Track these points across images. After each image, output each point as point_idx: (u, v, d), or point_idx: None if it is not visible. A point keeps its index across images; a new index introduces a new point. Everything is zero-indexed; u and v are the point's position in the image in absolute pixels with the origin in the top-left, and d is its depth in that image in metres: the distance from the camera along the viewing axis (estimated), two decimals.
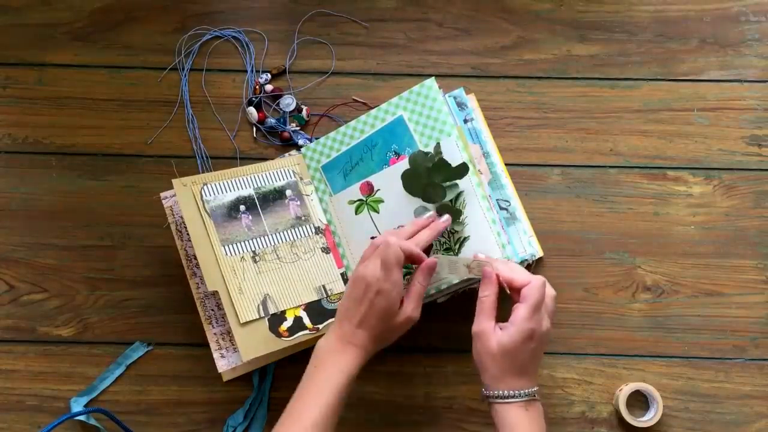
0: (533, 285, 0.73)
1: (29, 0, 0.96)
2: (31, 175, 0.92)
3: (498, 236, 0.80)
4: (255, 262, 0.83)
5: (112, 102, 0.94)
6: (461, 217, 0.81)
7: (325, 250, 0.86)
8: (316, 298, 0.84)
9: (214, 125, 0.94)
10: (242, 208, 0.84)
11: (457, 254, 0.81)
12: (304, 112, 0.93)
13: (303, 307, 0.83)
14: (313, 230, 0.87)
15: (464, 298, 0.83)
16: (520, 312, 0.72)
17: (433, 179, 0.81)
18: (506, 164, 0.92)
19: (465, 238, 0.81)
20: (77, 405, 0.86)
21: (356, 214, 0.86)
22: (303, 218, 0.87)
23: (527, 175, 0.92)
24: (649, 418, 0.85)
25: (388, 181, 0.84)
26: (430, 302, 0.83)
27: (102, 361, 0.88)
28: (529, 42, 0.96)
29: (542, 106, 0.94)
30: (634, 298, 0.90)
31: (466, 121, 0.87)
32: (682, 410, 0.87)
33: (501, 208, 0.85)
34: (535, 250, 0.88)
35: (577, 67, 0.95)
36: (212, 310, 0.83)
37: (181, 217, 0.84)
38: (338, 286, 0.85)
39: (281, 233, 0.85)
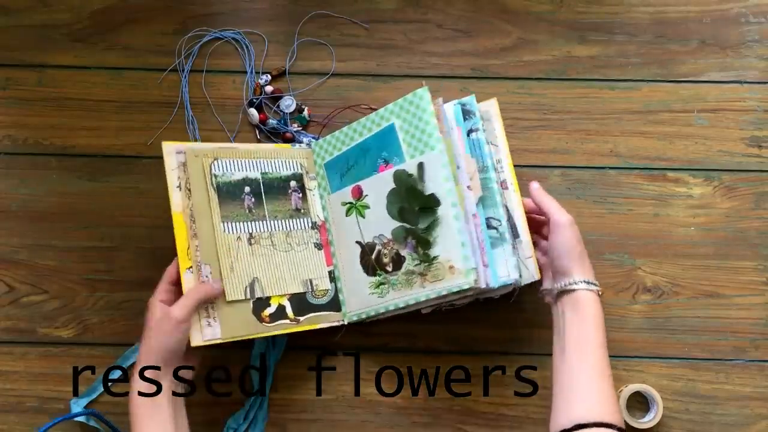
0: (537, 193, 0.82)
1: (29, 1, 0.96)
2: (32, 177, 0.92)
3: (465, 260, 0.77)
4: (250, 244, 0.83)
5: (112, 103, 0.94)
6: (432, 238, 0.79)
7: (318, 246, 0.87)
8: (302, 291, 0.84)
9: (214, 126, 0.94)
10: (247, 189, 0.84)
11: (426, 274, 0.79)
12: (305, 112, 0.93)
13: (288, 296, 0.83)
14: (310, 225, 0.87)
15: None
16: (554, 210, 0.79)
17: (410, 204, 0.80)
18: None
19: (435, 257, 0.78)
20: (77, 406, 0.86)
21: (346, 216, 0.85)
22: (302, 211, 0.87)
23: (527, 177, 0.92)
24: (649, 420, 0.85)
25: (375, 188, 0.83)
26: (416, 312, 0.83)
27: (102, 363, 0.88)
28: (529, 43, 0.96)
29: (542, 108, 0.94)
30: (635, 300, 0.90)
31: (471, 131, 0.84)
32: (682, 411, 0.87)
33: (490, 227, 0.81)
34: (532, 273, 0.82)
35: (577, 68, 0.95)
36: (206, 276, 0.81)
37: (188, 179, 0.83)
38: (325, 283, 0.85)
39: (279, 221, 0.85)
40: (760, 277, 0.90)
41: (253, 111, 0.93)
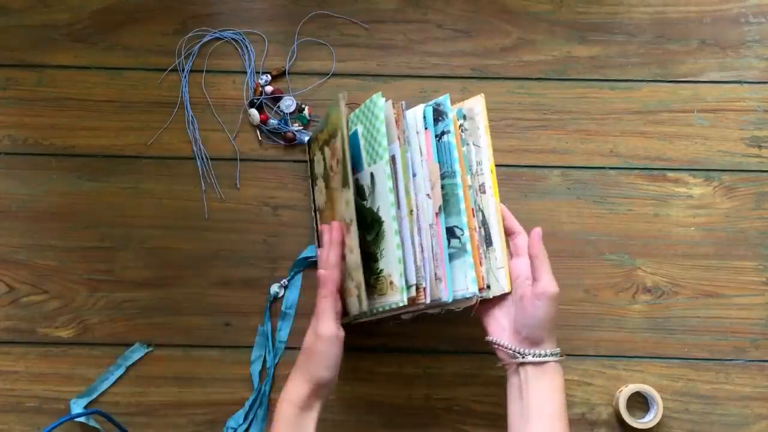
0: (536, 243, 0.74)
1: (29, 1, 0.96)
2: (32, 177, 0.92)
3: (401, 277, 0.72)
4: None
5: (112, 103, 0.94)
6: (378, 251, 0.75)
7: None
8: None
9: (214, 126, 0.94)
10: None
11: (375, 287, 0.75)
12: (306, 112, 0.93)
13: None
14: None
15: None
16: (547, 275, 0.73)
17: (362, 215, 0.77)
18: (506, 165, 0.92)
19: (381, 271, 0.75)
20: (77, 406, 0.86)
21: None
22: None
23: (527, 177, 0.92)
24: (649, 420, 0.85)
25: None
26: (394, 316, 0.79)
27: (102, 363, 0.88)
28: (528, 43, 0.96)
29: (542, 108, 0.94)
30: (635, 300, 0.90)
31: (443, 133, 0.77)
32: (682, 411, 0.87)
33: (454, 237, 0.75)
34: (503, 285, 0.76)
35: (576, 68, 0.95)
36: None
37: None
38: None
39: None
40: (760, 277, 0.90)
41: (253, 111, 0.93)
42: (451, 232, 0.76)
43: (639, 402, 0.88)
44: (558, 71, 0.95)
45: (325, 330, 0.73)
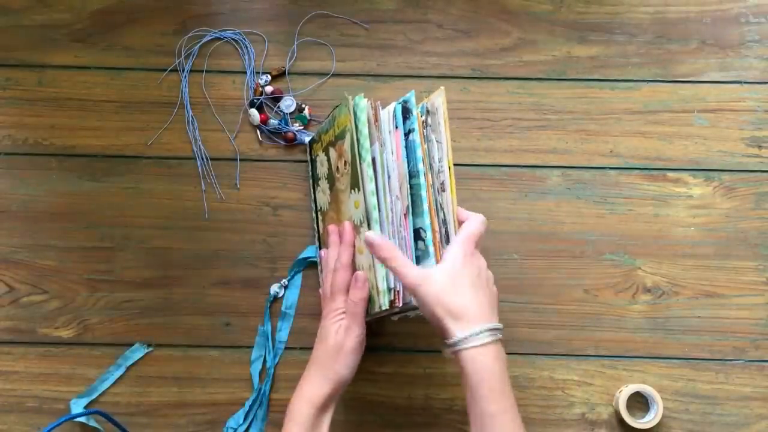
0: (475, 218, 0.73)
1: (29, 1, 0.96)
2: (32, 177, 0.92)
3: (382, 281, 0.73)
4: None
5: (112, 103, 0.94)
6: (368, 253, 0.74)
7: None
8: None
9: (214, 126, 0.94)
10: None
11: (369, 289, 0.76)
12: (306, 112, 0.93)
13: None
14: None
15: None
16: (400, 270, 0.70)
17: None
18: (506, 165, 0.92)
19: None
20: (77, 406, 0.86)
21: None
22: None
23: (527, 177, 0.92)
24: (649, 420, 0.85)
25: None
26: (381, 317, 0.79)
27: (102, 363, 0.88)
28: (528, 43, 0.96)
29: (542, 108, 0.94)
30: (634, 300, 0.90)
31: (410, 132, 0.76)
32: (682, 412, 0.87)
33: (419, 238, 0.75)
34: None
35: (576, 68, 0.95)
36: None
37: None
38: None
39: None
40: (760, 277, 0.90)
41: (253, 111, 0.93)
42: (417, 234, 0.75)
43: (639, 402, 0.88)
44: (558, 71, 0.95)
45: (359, 331, 0.74)
